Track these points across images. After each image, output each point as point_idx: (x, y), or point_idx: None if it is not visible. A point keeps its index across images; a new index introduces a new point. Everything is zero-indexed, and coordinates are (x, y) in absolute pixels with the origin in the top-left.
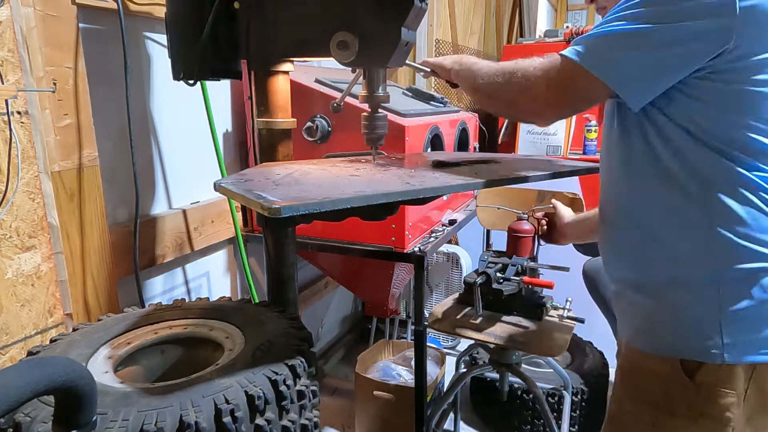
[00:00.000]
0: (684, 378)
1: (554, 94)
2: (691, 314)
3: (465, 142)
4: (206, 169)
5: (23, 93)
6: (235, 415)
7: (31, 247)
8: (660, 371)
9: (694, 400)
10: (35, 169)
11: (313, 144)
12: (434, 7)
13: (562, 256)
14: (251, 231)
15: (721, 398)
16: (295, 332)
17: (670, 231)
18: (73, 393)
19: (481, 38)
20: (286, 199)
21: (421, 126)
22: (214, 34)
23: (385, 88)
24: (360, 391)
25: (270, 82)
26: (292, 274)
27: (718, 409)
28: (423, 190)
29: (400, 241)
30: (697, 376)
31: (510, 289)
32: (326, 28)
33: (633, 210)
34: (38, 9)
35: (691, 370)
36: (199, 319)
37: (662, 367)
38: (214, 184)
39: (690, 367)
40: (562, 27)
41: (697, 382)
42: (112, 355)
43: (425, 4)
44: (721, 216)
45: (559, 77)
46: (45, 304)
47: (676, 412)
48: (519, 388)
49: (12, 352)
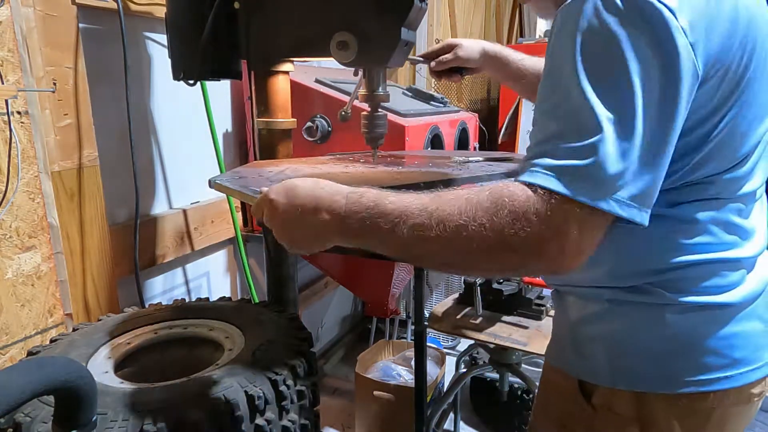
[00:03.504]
0: (582, 399)
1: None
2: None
3: (465, 142)
4: (206, 169)
5: (23, 93)
6: (235, 415)
7: (31, 247)
8: (563, 388)
9: (591, 423)
10: (35, 169)
11: (313, 144)
12: (434, 7)
13: None
14: (251, 231)
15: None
16: (295, 332)
17: None
18: (73, 393)
19: (480, 38)
20: None
21: (421, 126)
22: (214, 34)
23: (385, 88)
24: (360, 391)
25: (270, 82)
26: (292, 274)
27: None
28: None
29: None
30: (593, 398)
31: (510, 289)
32: (326, 28)
33: None
34: (38, 9)
35: (587, 392)
36: (199, 319)
37: (565, 384)
38: (209, 181)
39: (586, 389)
40: None
41: (594, 404)
42: (112, 355)
43: (425, 4)
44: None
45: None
46: (45, 304)
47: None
48: (519, 388)
49: (12, 352)
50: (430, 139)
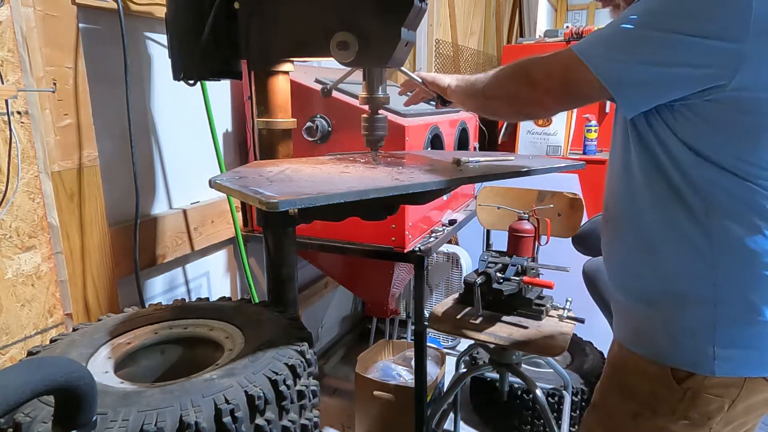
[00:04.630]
0: (672, 382)
1: (554, 82)
2: (685, 326)
3: (465, 142)
4: (206, 169)
5: (23, 93)
6: (235, 415)
7: (31, 247)
8: (649, 372)
9: (678, 403)
10: (35, 169)
11: (313, 144)
12: (434, 7)
13: (563, 256)
14: (251, 231)
15: (705, 405)
16: (295, 332)
17: (669, 244)
18: (73, 393)
19: (481, 38)
20: (282, 194)
21: (421, 126)
22: (214, 34)
23: (385, 90)
24: (360, 391)
25: (270, 82)
26: (292, 274)
27: (699, 415)
28: (412, 185)
29: (400, 241)
30: (684, 383)
31: (510, 289)
32: (326, 28)
33: (633, 218)
34: (38, 9)
35: (680, 377)
36: (199, 319)
37: (652, 369)
38: (209, 181)
39: (679, 375)
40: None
41: (684, 388)
42: (112, 355)
43: (425, 4)
44: (723, 238)
45: (560, 67)
46: (45, 304)
47: (659, 410)
48: (519, 388)
49: (12, 352)
50: (430, 139)
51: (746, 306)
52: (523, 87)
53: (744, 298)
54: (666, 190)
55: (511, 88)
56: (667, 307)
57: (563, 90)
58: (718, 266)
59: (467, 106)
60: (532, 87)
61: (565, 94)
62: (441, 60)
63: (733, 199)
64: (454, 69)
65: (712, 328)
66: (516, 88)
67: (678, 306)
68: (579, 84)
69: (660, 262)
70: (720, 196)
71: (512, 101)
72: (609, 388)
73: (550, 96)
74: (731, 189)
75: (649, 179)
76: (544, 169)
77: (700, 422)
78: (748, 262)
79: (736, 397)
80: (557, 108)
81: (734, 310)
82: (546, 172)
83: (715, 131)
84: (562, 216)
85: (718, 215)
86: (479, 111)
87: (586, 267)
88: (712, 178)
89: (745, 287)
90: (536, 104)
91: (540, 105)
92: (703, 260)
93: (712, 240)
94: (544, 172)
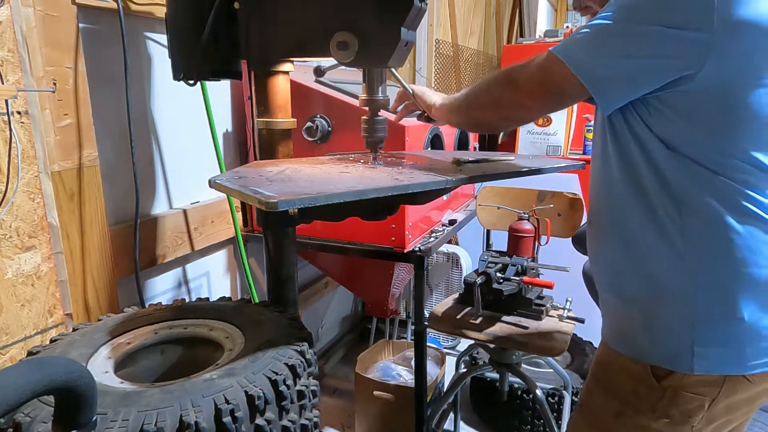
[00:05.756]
0: (652, 381)
1: (535, 85)
2: (665, 324)
3: (465, 143)
4: (206, 169)
5: (23, 93)
6: (235, 415)
7: (31, 247)
8: (631, 370)
9: (659, 401)
10: (35, 169)
11: (313, 144)
12: (434, 7)
13: (563, 256)
14: (251, 231)
15: (685, 403)
16: (295, 332)
17: (647, 242)
18: (73, 393)
19: (481, 38)
20: (282, 194)
21: (421, 126)
22: (214, 34)
23: (384, 91)
24: (360, 391)
25: (270, 82)
26: (292, 274)
27: (680, 413)
28: (412, 185)
29: (400, 241)
30: (664, 381)
31: (510, 289)
32: (326, 28)
33: (613, 217)
34: (38, 9)
35: (660, 375)
36: (199, 319)
37: (634, 368)
38: (209, 181)
39: (659, 373)
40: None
41: (664, 386)
42: (112, 355)
43: (425, 4)
44: (697, 235)
45: (540, 68)
46: (45, 304)
47: (640, 409)
48: (519, 388)
49: (12, 352)
50: (430, 139)
51: (724, 304)
52: (505, 91)
53: (721, 296)
54: (642, 188)
55: (494, 94)
56: (647, 305)
57: (545, 90)
58: (693, 264)
59: (452, 121)
60: (515, 90)
61: (546, 94)
62: (441, 60)
63: (707, 196)
64: (454, 69)
65: (690, 326)
66: (499, 94)
67: (657, 304)
68: (559, 83)
69: (639, 260)
70: (693, 192)
71: (496, 107)
72: (594, 387)
73: (533, 98)
74: (705, 184)
75: (626, 177)
76: (544, 169)
77: (681, 420)
78: (724, 260)
79: (716, 396)
80: (541, 109)
81: (712, 307)
82: (546, 172)
83: (688, 124)
84: (562, 216)
85: (691, 212)
86: (465, 124)
87: (586, 267)
88: (687, 173)
89: (722, 285)
90: (520, 107)
91: (524, 107)
92: (679, 258)
93: (687, 237)
94: (544, 172)
